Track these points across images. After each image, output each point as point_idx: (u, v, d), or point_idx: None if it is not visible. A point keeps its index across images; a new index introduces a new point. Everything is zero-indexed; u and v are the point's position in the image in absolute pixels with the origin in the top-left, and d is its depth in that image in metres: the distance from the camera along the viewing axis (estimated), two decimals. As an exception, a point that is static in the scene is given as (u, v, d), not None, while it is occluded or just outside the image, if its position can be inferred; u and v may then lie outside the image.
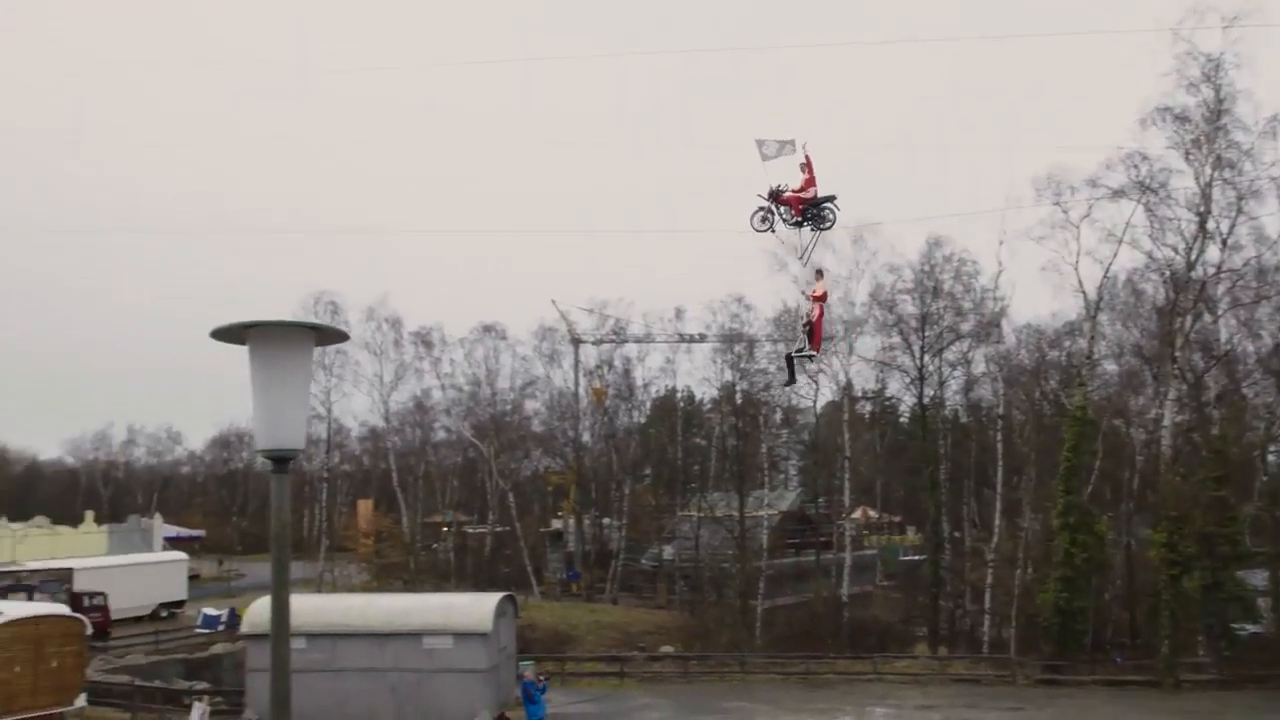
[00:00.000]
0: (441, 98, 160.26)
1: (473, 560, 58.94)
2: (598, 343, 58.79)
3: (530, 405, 62.66)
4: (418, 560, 55.45)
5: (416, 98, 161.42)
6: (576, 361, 59.60)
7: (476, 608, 21.36)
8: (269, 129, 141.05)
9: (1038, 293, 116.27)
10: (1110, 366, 45.24)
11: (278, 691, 5.14)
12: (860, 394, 54.23)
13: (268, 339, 4.97)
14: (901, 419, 61.72)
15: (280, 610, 5.10)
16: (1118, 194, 36.36)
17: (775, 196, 14.17)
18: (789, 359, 15.77)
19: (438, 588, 46.92)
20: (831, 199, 14.16)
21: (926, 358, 45.90)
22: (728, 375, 53.81)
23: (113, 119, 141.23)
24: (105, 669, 33.26)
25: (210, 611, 46.00)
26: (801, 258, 14.60)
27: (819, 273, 14.60)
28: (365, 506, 67.90)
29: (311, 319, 5.24)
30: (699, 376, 57.73)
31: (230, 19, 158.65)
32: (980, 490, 48.20)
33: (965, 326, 45.66)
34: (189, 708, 25.84)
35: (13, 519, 66.41)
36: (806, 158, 14.01)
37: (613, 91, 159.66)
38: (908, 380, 48.29)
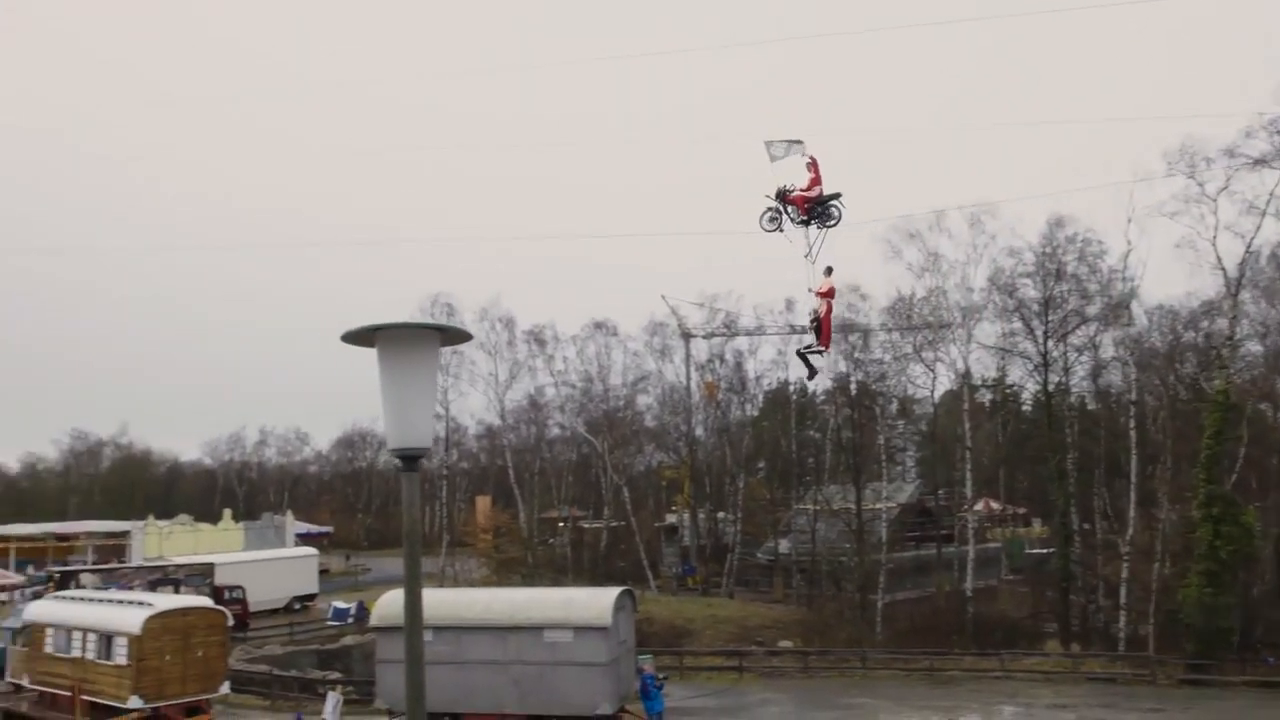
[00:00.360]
0: (535, 102, 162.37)
1: (589, 555, 59.60)
2: (708, 336, 58.62)
3: (642, 400, 63.06)
4: (535, 555, 56.44)
5: (510, 104, 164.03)
6: (688, 356, 59.61)
7: (596, 602, 21.56)
8: (378, 147, 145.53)
9: (1171, 271, 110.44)
10: (1254, 347, 42.64)
11: (412, 683, 5.22)
12: (980, 382, 52.64)
13: (395, 341, 5.08)
14: (1024, 407, 59.61)
15: (413, 604, 5.19)
16: (1259, 163, 34.37)
17: (783, 196, 14.43)
18: (801, 355, 16.00)
19: (555, 582, 47.62)
20: (836, 196, 14.38)
21: (1050, 343, 44.22)
22: (842, 366, 52.97)
23: (237, 148, 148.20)
24: (245, 659, 34.92)
25: (340, 604, 47.69)
26: (808, 255, 14.58)
27: (827, 270, 14.66)
28: (483, 503, 69.48)
29: (428, 320, 5.31)
30: (812, 368, 56.93)
31: (315, 47, 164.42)
32: (1111, 480, 46.10)
33: (1092, 310, 43.76)
34: (323, 697, 26.91)
35: (159, 517, 70.28)
36: (811, 158, 14.33)
37: (711, 84, 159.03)
38: (1030, 367, 46.62)
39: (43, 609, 27.52)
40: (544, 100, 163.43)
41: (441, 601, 22.78)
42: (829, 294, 14.77)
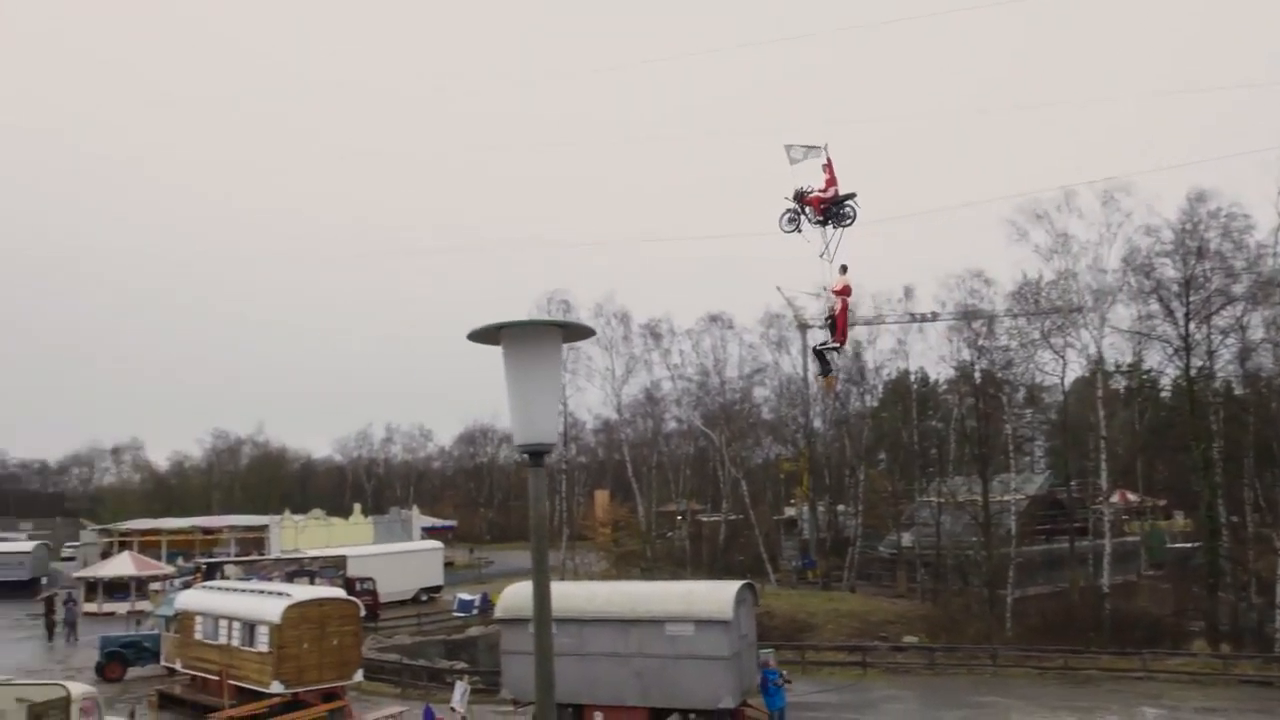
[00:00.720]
0: (629, 100, 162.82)
1: (707, 548, 59.56)
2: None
3: (759, 393, 62.60)
4: (654, 548, 56.72)
5: (604, 104, 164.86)
6: (804, 347, 58.78)
7: (717, 595, 21.45)
8: (481, 157, 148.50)
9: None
10: None
11: (542, 675, 5.25)
12: (1114, 368, 50.27)
13: (520, 338, 5.13)
14: (1163, 394, 56.68)
15: (542, 598, 5.22)
16: None
17: (800, 198, 14.98)
18: (817, 352, 16.52)
19: (674, 575, 47.73)
20: (851, 196, 14.88)
21: (1192, 325, 41.85)
22: (965, 354, 51.35)
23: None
24: (376, 648, 36.13)
25: (465, 596, 48.86)
26: (822, 255, 15.09)
27: (842, 268, 15.10)
28: (602, 497, 70.20)
29: (545, 318, 5.34)
30: (933, 357, 55.43)
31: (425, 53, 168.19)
32: (1262, 471, 43.38)
33: (1238, 289, 41.17)
34: (452, 686, 27.62)
35: (294, 511, 73.46)
36: (827, 160, 14.85)
37: (797, 72, 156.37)
38: (1170, 351, 44.22)
39: (192, 598, 29.10)
40: (640, 98, 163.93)
41: (563, 594, 23.06)
42: (844, 292, 15.29)
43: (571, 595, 21.67)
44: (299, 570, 44.39)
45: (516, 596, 23.06)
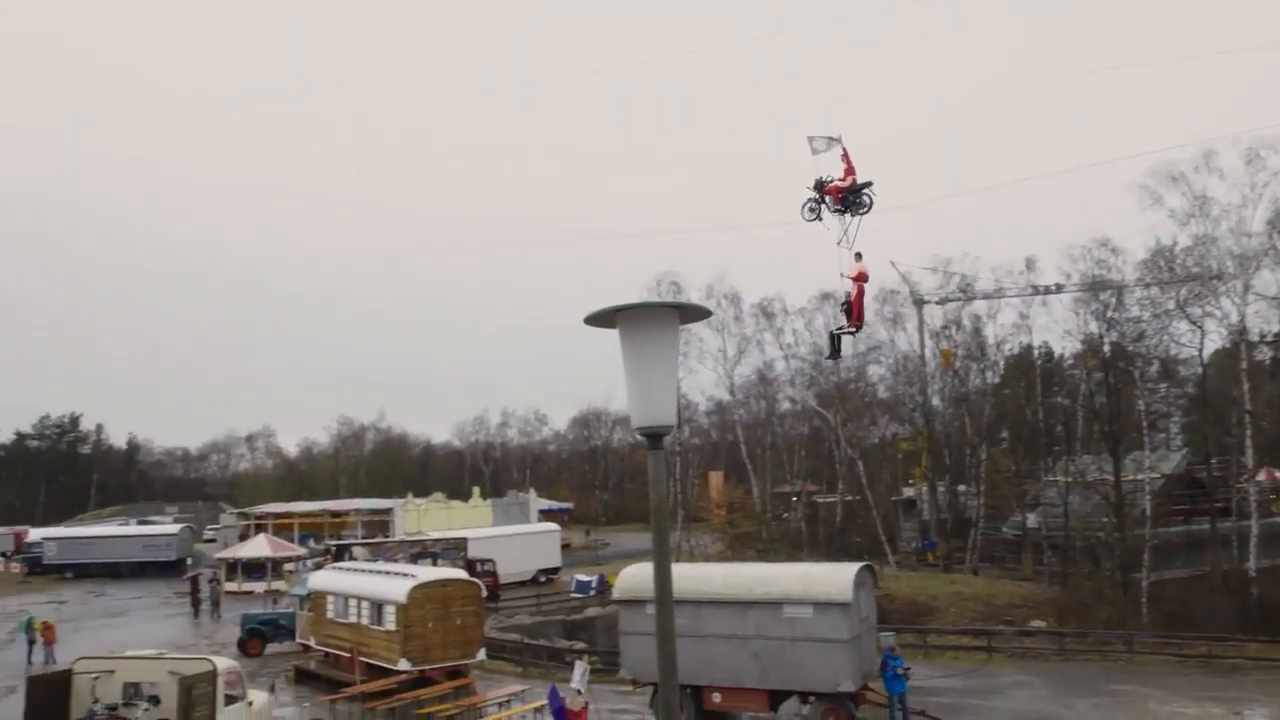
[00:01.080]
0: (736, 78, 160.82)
1: (824, 529, 58.87)
2: (942, 302, 56.12)
3: (874, 371, 61.37)
4: (769, 530, 56.37)
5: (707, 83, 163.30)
6: (921, 323, 57.36)
7: (835, 577, 21.12)
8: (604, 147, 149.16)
9: None
10: None
11: (664, 657, 5.23)
12: (1259, 338, 47.34)
13: (636, 321, 5.09)
14: (1315, 364, 53.15)
15: (663, 580, 5.18)
16: None
17: (820, 187, 15.52)
18: (832, 336, 17.06)
19: (790, 557, 47.33)
20: (868, 185, 15.43)
21: (1347, 290, 39.09)
22: (1092, 327, 49.11)
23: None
24: (497, 627, 36.96)
25: (582, 578, 49.52)
26: (840, 242, 15.62)
27: (858, 255, 15.59)
28: (716, 478, 70.11)
29: (655, 299, 5.27)
30: (1058, 330, 53.01)
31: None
32: None
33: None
34: (571, 665, 28.06)
35: (415, 495, 75.77)
36: (844, 150, 15.48)
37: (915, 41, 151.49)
38: (1322, 318, 41.41)
39: (323, 578, 30.31)
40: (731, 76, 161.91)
41: (681, 576, 22.99)
42: (860, 278, 15.79)
43: (688, 577, 21.64)
44: (422, 552, 45.72)
45: (634, 578, 23.20)
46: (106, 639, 35.27)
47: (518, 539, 54.94)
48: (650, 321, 5.09)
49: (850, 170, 15.78)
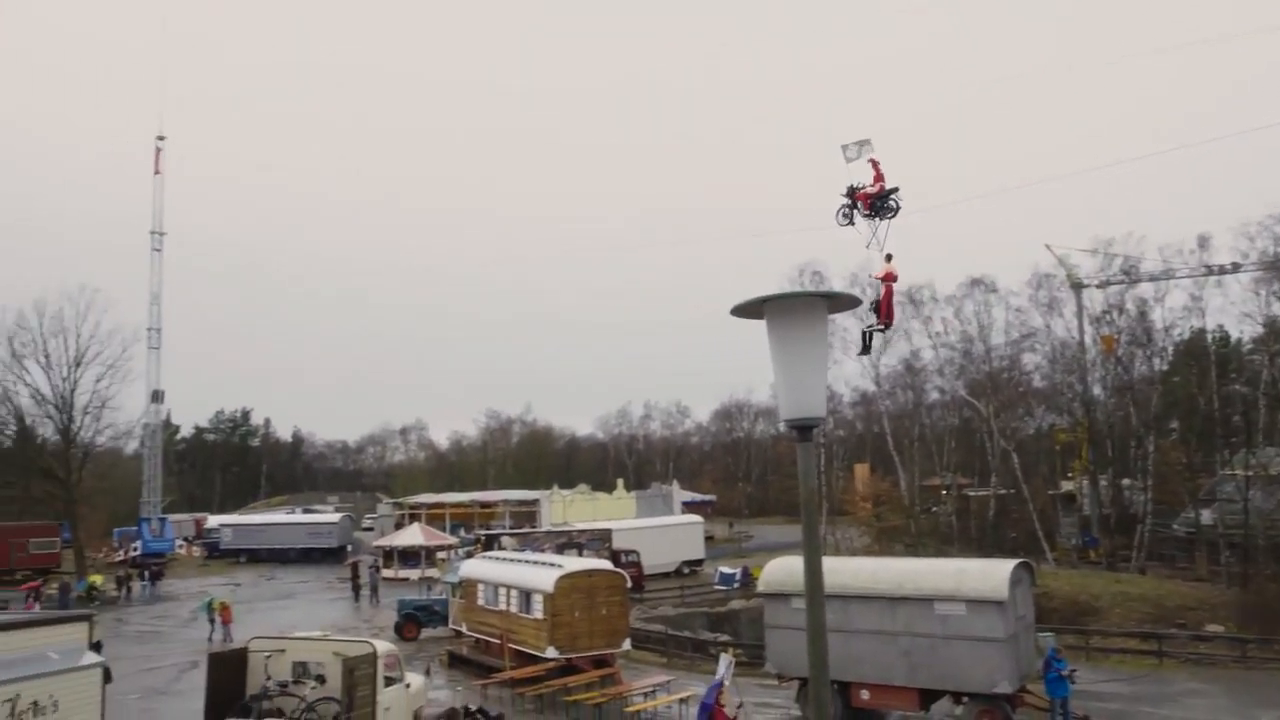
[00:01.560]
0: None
1: (976, 524, 56.79)
2: (1103, 285, 53.13)
3: (1029, 359, 58.68)
4: (918, 524, 54.82)
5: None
6: (1079, 308, 54.47)
7: (990, 574, 20.30)
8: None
9: None
10: None
11: (815, 653, 5.11)
12: None
13: (784, 311, 5.00)
14: None
15: (814, 574, 5.07)
16: None
17: (851, 194, 16.63)
18: (863, 333, 18.10)
19: (940, 552, 45.92)
20: (895, 190, 16.56)
21: None
22: (1275, 308, 45.55)
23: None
24: (642, 618, 37.29)
25: (725, 570, 49.43)
26: (869, 245, 16.71)
27: (888, 256, 16.45)
28: (862, 471, 68.73)
29: (797, 289, 5.13)
30: (1235, 313, 49.30)
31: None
32: None
33: None
34: (715, 657, 28.00)
35: (561, 486, 77.28)
36: (872, 159, 16.51)
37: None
38: None
39: (474, 567, 31.26)
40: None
41: (828, 570, 22.50)
42: (888, 278, 16.71)
43: (836, 571, 21.19)
44: (568, 542, 46.59)
45: (779, 571, 22.95)
46: (276, 620, 37.45)
47: (661, 531, 55.27)
48: (798, 312, 5.00)
49: (879, 177, 16.73)
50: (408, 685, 17.74)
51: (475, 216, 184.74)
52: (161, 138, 67.39)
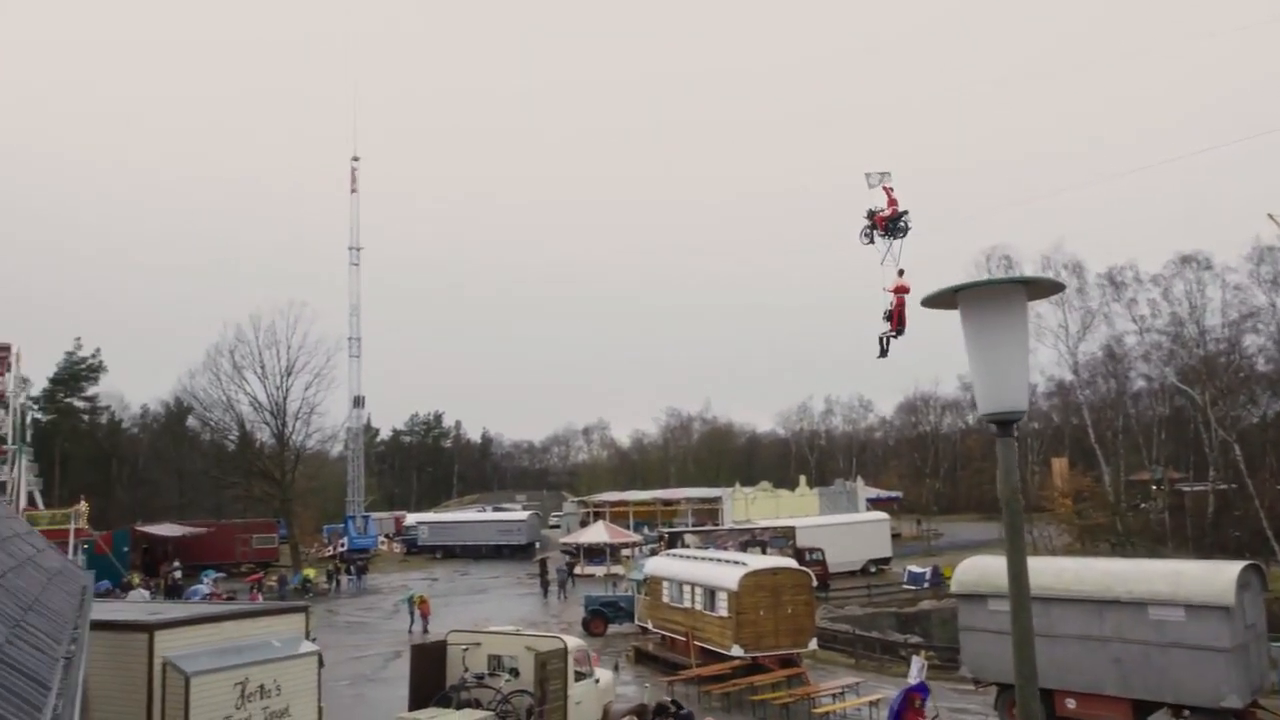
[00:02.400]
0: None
1: (1192, 522, 52.64)
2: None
3: (1251, 341, 53.79)
4: (1124, 521, 51.35)
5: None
6: (1311, 282, 49.57)
7: (1213, 577, 18.64)
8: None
9: None
10: None
11: (1022, 660, 4.81)
12: None
13: (979, 300, 4.76)
14: None
15: (1018, 576, 4.78)
16: None
17: (871, 217, 19.70)
18: (880, 339, 20.24)
19: (1152, 552, 42.84)
20: (905, 213, 19.67)
21: None
22: None
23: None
24: (828, 617, 36.63)
25: (914, 569, 47.93)
26: (883, 261, 19.65)
27: (900, 271, 19.34)
28: (1059, 465, 65.05)
29: (985, 276, 4.82)
30: None
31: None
32: None
33: None
34: (905, 659, 27.12)
35: (743, 483, 77.00)
36: (887, 187, 19.78)
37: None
38: None
39: (659, 564, 31.55)
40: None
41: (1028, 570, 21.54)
42: (900, 290, 19.43)
43: (1037, 571, 19.99)
44: (751, 540, 46.37)
45: (973, 571, 21.98)
46: (470, 613, 39.07)
47: (846, 528, 54.17)
48: (995, 300, 4.73)
49: (893, 203, 19.78)
50: (597, 680, 18.07)
51: (651, 210, 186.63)
52: (356, 158, 71.93)
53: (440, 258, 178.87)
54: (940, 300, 4.85)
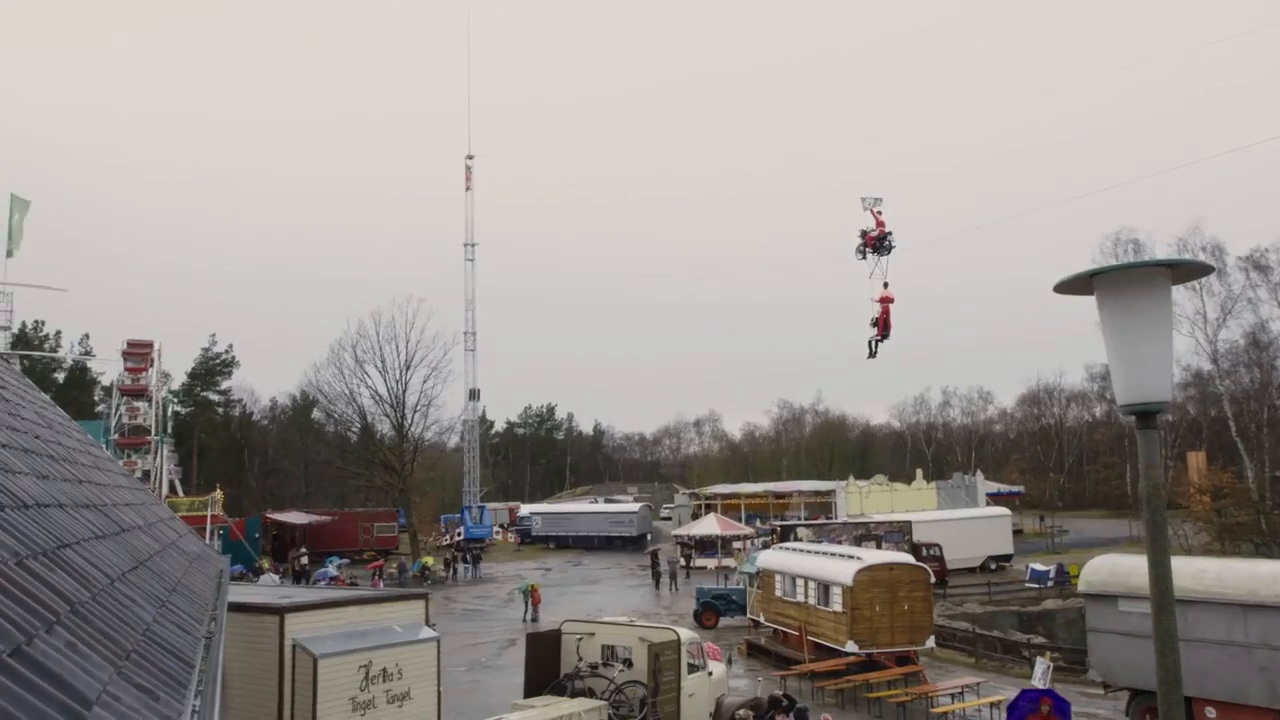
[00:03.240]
0: None
1: (1350, 522, 49.20)
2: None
3: None
4: (1270, 521, 48.39)
5: None
6: None
7: (1374, 582, 17.46)
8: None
9: None
10: None
11: (1164, 667, 4.56)
12: None
13: (1117, 285, 4.53)
14: None
15: (1161, 578, 4.54)
16: None
17: (863, 236, 25.39)
18: (869, 343, 25.16)
19: (1299, 553, 40.28)
20: (890, 234, 25.11)
21: None
22: None
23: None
24: (946, 615, 35.66)
25: (1038, 567, 46.33)
26: (870, 275, 24.98)
27: (885, 284, 24.72)
28: (1196, 459, 61.79)
29: (1111, 262, 4.55)
30: None
31: None
32: None
33: None
34: (1028, 660, 26.21)
35: (856, 477, 75.75)
36: (874, 211, 25.56)
37: None
38: None
39: (771, 558, 31.30)
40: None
41: (1159, 571, 20.51)
42: (884, 300, 24.53)
43: (1175, 572, 19.13)
44: (865, 534, 45.59)
45: (1103, 569, 21.08)
46: (583, 603, 39.54)
47: (965, 523, 52.70)
48: (1136, 285, 4.49)
49: (880, 224, 24.79)
50: (710, 673, 18.03)
51: (763, 200, 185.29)
52: (470, 157, 73.46)
53: (550, 254, 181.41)
54: (1074, 286, 4.61)
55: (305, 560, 50.68)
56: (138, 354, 62.13)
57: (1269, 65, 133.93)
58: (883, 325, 23.05)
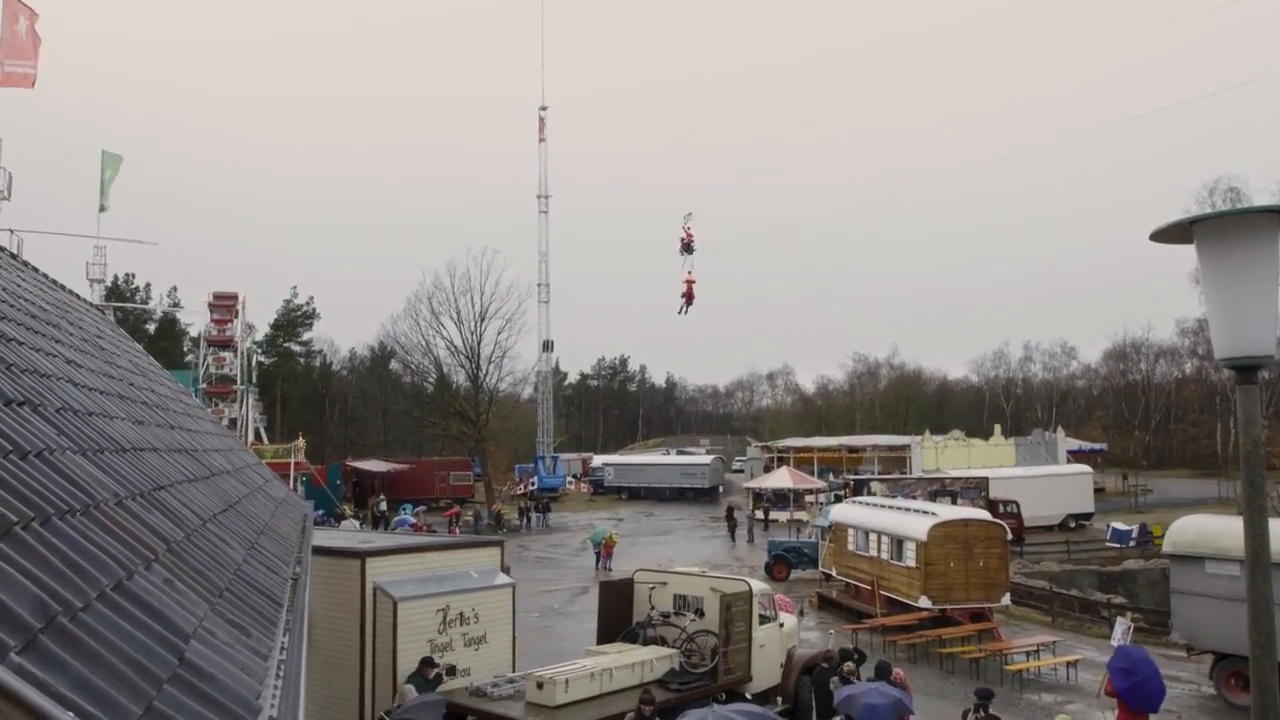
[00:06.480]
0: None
1: None
2: None
3: None
4: (1368, 482, 46.47)
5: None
6: None
7: None
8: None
9: None
10: None
11: (1256, 631, 4.44)
12: None
13: (1219, 233, 4.34)
14: None
15: (1257, 539, 4.41)
16: None
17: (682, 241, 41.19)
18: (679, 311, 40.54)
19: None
20: (692, 240, 42.66)
21: None
22: None
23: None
24: (1023, 572, 35.19)
25: (1119, 526, 45.36)
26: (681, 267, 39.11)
27: (689, 271, 40.41)
28: (1291, 418, 59.50)
29: (1208, 210, 4.34)
30: None
31: None
32: None
33: None
34: (1107, 620, 25.74)
35: (932, 432, 74.70)
36: (685, 227, 42.53)
37: None
38: None
39: (844, 511, 31.18)
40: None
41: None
42: (689, 282, 41.89)
43: (1271, 534, 18.56)
44: (941, 490, 45.07)
45: (1189, 530, 20.50)
46: (656, 553, 39.95)
47: (1044, 480, 51.69)
48: (1239, 232, 4.29)
49: (689, 234, 39.30)
50: (781, 625, 18.08)
51: (834, 146, 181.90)
52: (544, 108, 73.35)
53: (624, 204, 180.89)
54: (1173, 234, 4.44)
55: (384, 507, 52.12)
56: (223, 305, 64.10)
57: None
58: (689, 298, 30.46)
